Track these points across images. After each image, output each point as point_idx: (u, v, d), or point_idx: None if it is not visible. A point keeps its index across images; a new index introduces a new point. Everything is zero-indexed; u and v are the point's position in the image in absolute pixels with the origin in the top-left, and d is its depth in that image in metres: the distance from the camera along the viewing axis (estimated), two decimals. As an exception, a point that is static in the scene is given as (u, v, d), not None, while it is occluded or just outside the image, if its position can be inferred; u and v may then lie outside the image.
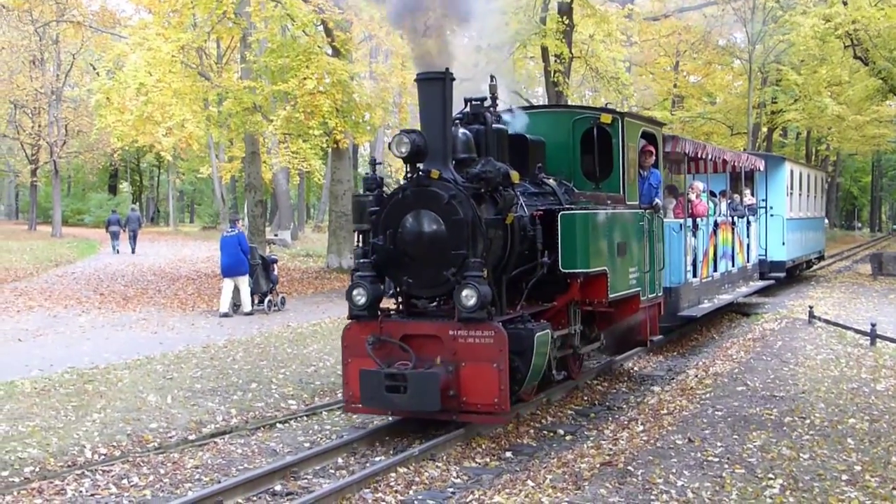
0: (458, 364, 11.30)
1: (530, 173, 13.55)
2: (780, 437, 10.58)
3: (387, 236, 11.74)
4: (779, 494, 8.60)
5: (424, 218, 11.56)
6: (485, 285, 11.12)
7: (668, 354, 18.30)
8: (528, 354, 11.47)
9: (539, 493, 8.78)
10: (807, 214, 30.61)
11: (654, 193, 15.32)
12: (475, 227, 11.39)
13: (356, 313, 11.80)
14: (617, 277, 13.58)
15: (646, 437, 10.88)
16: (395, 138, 11.64)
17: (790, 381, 13.80)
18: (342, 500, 9.34)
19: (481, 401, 11.22)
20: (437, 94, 11.70)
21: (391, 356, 11.56)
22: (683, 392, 13.46)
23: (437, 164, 11.69)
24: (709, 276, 19.11)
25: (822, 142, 66.05)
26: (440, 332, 11.46)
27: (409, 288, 11.91)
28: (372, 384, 11.27)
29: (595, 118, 14.28)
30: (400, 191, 11.77)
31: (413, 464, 10.58)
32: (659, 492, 8.68)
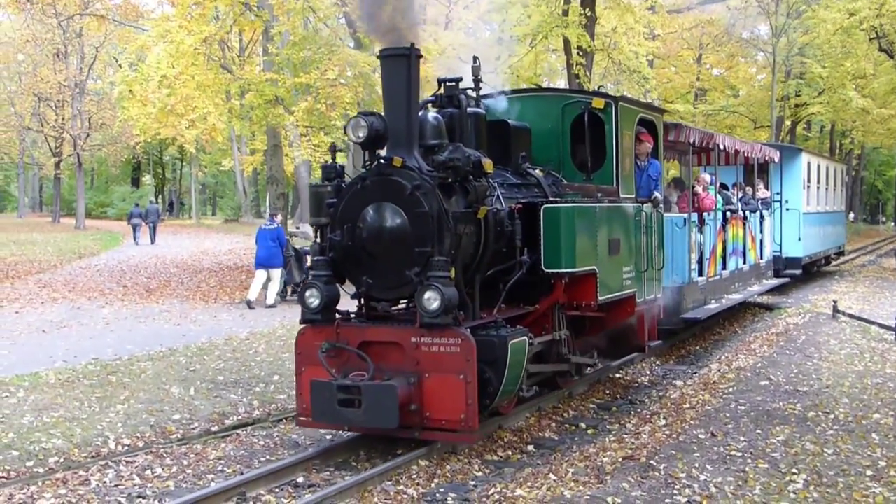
0: (420, 375, 9.85)
1: (513, 163, 12.06)
2: (803, 432, 10.28)
3: (344, 231, 10.28)
4: (802, 490, 8.37)
5: (385, 211, 10.11)
6: (451, 287, 9.64)
7: (691, 348, 17.69)
8: (500, 365, 9.97)
9: (561, 487, 8.58)
10: (825, 208, 28.74)
11: (653, 186, 13.74)
12: (441, 221, 9.92)
13: (309, 317, 10.33)
14: (608, 278, 12.06)
15: (668, 431, 10.57)
16: (352, 121, 10.18)
17: (814, 376, 13.35)
18: (364, 492, 9.02)
19: (446, 417, 9.76)
20: (400, 73, 10.18)
21: (348, 365, 10.14)
22: (706, 386, 13.04)
23: (402, 150, 10.23)
24: (717, 274, 17.45)
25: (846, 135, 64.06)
26: (401, 339, 10.00)
27: (369, 289, 10.42)
28: (323, 397, 9.80)
29: (586, 103, 12.71)
30: (359, 180, 10.29)
31: (435, 457, 10.18)
32: (682, 486, 8.46)
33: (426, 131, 10.63)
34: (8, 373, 13.87)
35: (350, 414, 9.65)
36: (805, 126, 61.62)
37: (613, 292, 12.27)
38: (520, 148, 12.19)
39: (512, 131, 12.16)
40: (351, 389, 9.64)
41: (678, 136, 15.32)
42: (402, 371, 9.90)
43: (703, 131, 16.33)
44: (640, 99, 15.10)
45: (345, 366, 10.14)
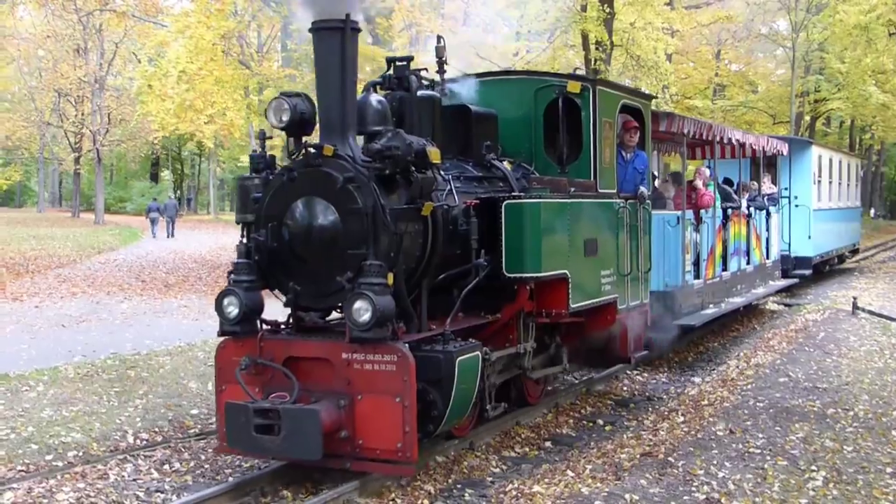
0: (352, 397, 8.28)
1: (475, 153, 10.44)
2: (823, 429, 10.01)
3: (269, 230, 8.71)
4: (822, 487, 8.17)
5: (314, 207, 8.55)
6: (385, 295, 8.05)
7: (709, 345, 17.06)
8: (446, 385, 8.40)
9: (579, 484, 8.36)
10: (838, 204, 26.67)
11: (639, 180, 12.05)
12: (377, 218, 8.35)
13: (228, 329, 8.76)
14: (583, 282, 10.44)
15: (686, 427, 10.30)
16: (273, 103, 8.63)
17: (833, 373, 13.00)
18: (382, 487, 8.66)
19: (381, 446, 8.20)
20: (334, 48, 8.61)
21: (273, 384, 8.60)
22: (724, 383, 12.68)
23: (335, 137, 8.67)
24: (715, 276, 15.68)
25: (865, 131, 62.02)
26: (331, 355, 8.42)
27: (297, 297, 8.82)
28: (238, 421, 8.22)
29: (561, 87, 11.06)
30: (285, 172, 8.70)
31: (452, 453, 9.75)
32: (700, 483, 8.24)
33: (367, 116, 9.05)
34: (28, 367, 13.71)
35: (267, 442, 8.09)
36: (824, 122, 59.77)
37: (590, 298, 10.66)
38: (484, 137, 10.56)
39: (474, 118, 10.52)
40: (269, 413, 8.08)
41: (670, 127, 13.60)
42: (332, 392, 8.35)
43: (699, 121, 14.48)
44: (625, 84, 13.23)
45: (269, 385, 8.62)
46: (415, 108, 9.64)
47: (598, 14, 28.44)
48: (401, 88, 9.72)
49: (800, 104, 50.31)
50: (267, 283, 8.92)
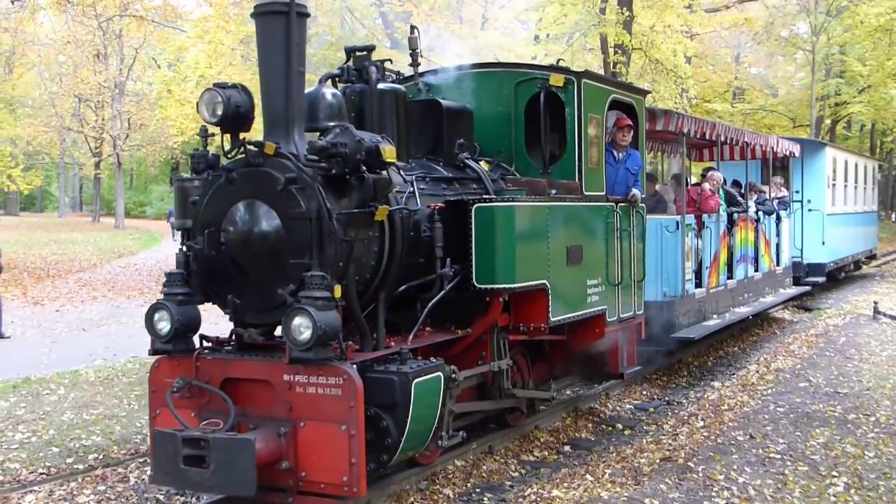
0: (294, 423, 7.22)
1: (446, 152, 9.38)
2: (844, 435, 9.71)
3: (206, 237, 7.68)
4: (843, 493, 7.93)
5: (254, 212, 7.51)
6: (329, 311, 6.99)
7: (729, 350, 16.41)
8: (401, 410, 7.33)
9: (598, 488, 8.18)
10: (853, 209, 25.17)
11: (631, 181, 10.91)
12: (322, 224, 7.31)
13: (159, 347, 7.73)
14: (565, 293, 9.36)
15: (706, 432, 9.99)
16: (205, 95, 7.59)
17: (854, 378, 12.53)
18: (400, 491, 8.38)
19: (326, 479, 7.13)
20: (277, 35, 7.56)
21: (210, 409, 7.57)
22: (744, 388, 12.30)
23: (278, 133, 7.64)
24: (719, 284, 14.50)
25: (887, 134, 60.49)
26: (271, 377, 7.37)
27: (237, 311, 7.77)
28: (166, 452, 7.16)
29: (543, 80, 9.97)
30: (223, 172, 7.65)
31: (471, 457, 9.48)
32: (720, 488, 8.02)
33: (319, 111, 8.03)
34: (49, 370, 13.62)
35: (196, 475, 7.02)
36: (845, 125, 58.35)
37: (574, 311, 9.57)
38: (457, 134, 9.49)
39: (446, 114, 9.43)
40: (199, 443, 7.03)
41: (668, 125, 12.45)
42: (273, 418, 7.31)
43: (701, 120, 13.26)
44: (618, 79, 12.02)
45: (206, 409, 7.60)
46: (375, 103, 8.62)
47: (618, 17, 27.80)
48: (361, 81, 8.71)
49: (820, 107, 49.07)
50: (207, 296, 7.90)
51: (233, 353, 7.77)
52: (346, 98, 8.66)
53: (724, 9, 44.66)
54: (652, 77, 37.72)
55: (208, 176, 7.90)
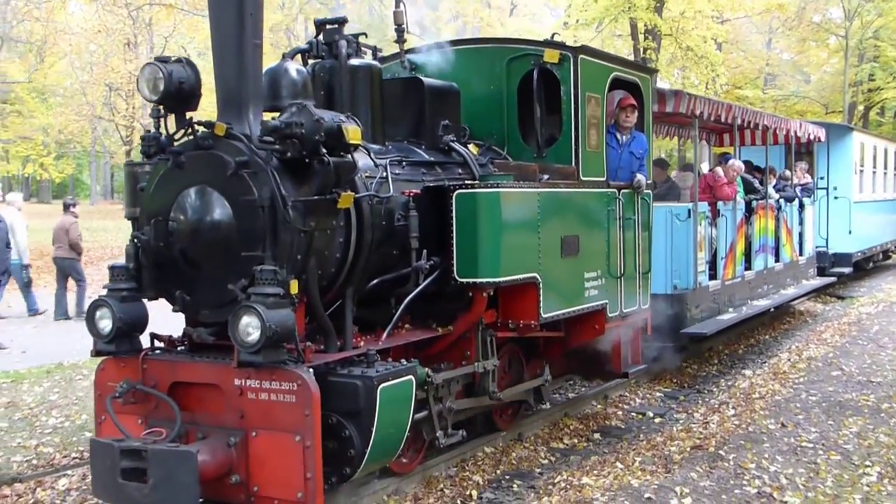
0: (246, 432, 6.43)
1: (429, 134, 8.54)
2: (877, 424, 9.39)
3: (153, 227, 6.88)
4: (876, 482, 7.66)
5: (203, 199, 6.70)
6: (282, 308, 6.17)
7: (760, 337, 15.91)
8: (366, 418, 6.53)
9: (628, 476, 7.99)
10: (883, 196, 23.82)
11: (636, 166, 9.99)
12: (277, 213, 6.50)
13: (101, 347, 6.94)
14: (559, 287, 8.50)
15: (737, 421, 9.74)
16: (145, 70, 6.79)
17: (888, 367, 12.13)
18: (430, 476, 8.22)
19: (279, 494, 6.34)
20: (229, 3, 6.73)
21: (158, 416, 6.81)
22: (776, 376, 11.98)
23: (231, 113, 6.80)
24: (736, 276, 13.50)
25: (922, 121, 59.23)
26: (221, 381, 6.56)
27: (186, 308, 6.99)
28: (104, 464, 6.40)
29: (537, 56, 9.08)
30: (171, 156, 6.84)
31: (500, 444, 9.27)
32: (751, 477, 7.77)
33: (281, 88, 7.22)
34: (81, 356, 12.76)
35: (134, 490, 6.24)
36: (878, 112, 56.99)
37: (569, 306, 8.71)
38: (441, 115, 8.61)
39: (428, 92, 8.55)
40: (139, 455, 6.26)
41: (678, 107, 11.46)
42: (223, 426, 6.52)
43: (715, 101, 12.19)
44: (628, 58, 11.03)
45: (154, 416, 6.84)
46: (346, 80, 7.80)
47: (648, 2, 27.69)
48: (331, 56, 7.89)
49: (853, 93, 48.08)
50: (158, 292, 7.12)
51: (183, 355, 6.99)
52: (314, 75, 7.88)
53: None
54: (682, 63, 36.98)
55: (158, 160, 7.12)
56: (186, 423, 6.60)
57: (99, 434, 7.08)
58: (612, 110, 10.04)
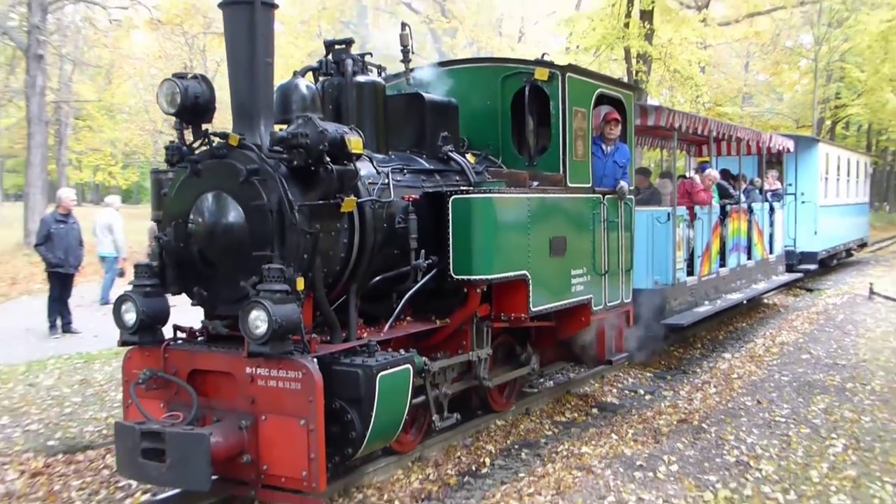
0: (256, 417, 6.12)
1: (430, 145, 8.20)
2: (842, 401, 9.45)
3: (174, 229, 6.59)
4: (841, 453, 7.70)
5: (218, 204, 6.42)
6: (288, 303, 5.88)
7: (738, 325, 15.57)
8: (366, 403, 6.21)
9: (622, 446, 8.01)
10: (845, 200, 23.34)
11: (619, 174, 9.63)
12: (283, 216, 6.20)
13: (126, 338, 6.66)
14: (547, 283, 8.15)
15: (718, 398, 9.81)
16: (163, 85, 6.49)
17: (851, 351, 12.17)
18: (448, 447, 8.13)
19: (286, 473, 6.05)
20: (242, 25, 6.44)
21: (178, 400, 6.50)
22: (752, 359, 12.00)
23: (244, 125, 6.53)
24: (712, 272, 13.08)
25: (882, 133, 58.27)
26: (234, 369, 6.27)
27: (204, 303, 6.70)
28: (126, 444, 6.12)
29: (528, 74, 8.72)
30: (190, 164, 6.55)
31: (510, 418, 9.21)
32: (730, 447, 7.81)
33: (292, 102, 6.95)
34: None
35: (153, 469, 5.98)
36: (844, 126, 56.23)
37: (557, 300, 8.36)
38: (441, 127, 8.28)
39: (428, 107, 8.22)
40: (158, 436, 5.97)
41: (658, 120, 11.09)
42: (236, 410, 6.22)
43: (692, 115, 11.79)
44: (606, 74, 10.60)
45: (174, 401, 6.54)
46: (353, 95, 7.48)
47: (640, 31, 27.00)
48: (339, 74, 7.57)
49: (821, 110, 47.51)
50: (179, 288, 6.82)
51: (201, 345, 6.69)
52: (324, 91, 7.57)
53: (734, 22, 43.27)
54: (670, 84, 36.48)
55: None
56: (203, 408, 6.33)
57: (126, 417, 6.83)
58: (598, 123, 9.69)
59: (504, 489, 7.11)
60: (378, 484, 7.22)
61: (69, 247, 13.40)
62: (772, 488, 6.87)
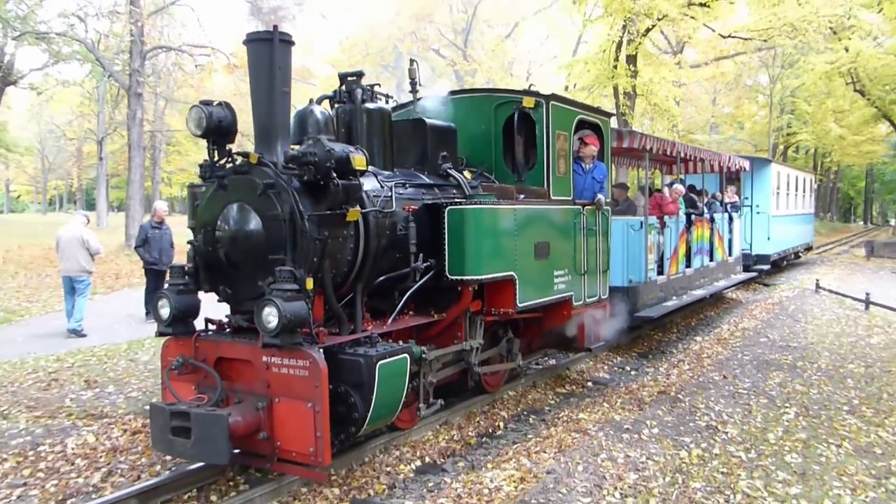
0: (271, 399, 5.67)
1: (430, 163, 7.69)
2: (794, 377, 9.37)
3: (203, 235, 6.14)
4: (794, 419, 7.61)
5: (240, 213, 5.94)
6: (296, 301, 5.41)
7: (707, 314, 15.26)
8: (367, 388, 5.73)
9: (612, 412, 7.98)
10: (794, 211, 22.50)
11: (597, 188, 9.09)
12: (294, 224, 5.72)
13: (162, 329, 6.22)
14: (532, 282, 7.59)
15: (691, 373, 9.76)
16: (191, 111, 6.04)
17: (801, 335, 12.10)
18: (469, 412, 8.07)
19: (297, 448, 5.59)
20: (263, 59, 5.98)
21: (206, 384, 6.06)
22: (719, 341, 11.97)
23: (264, 145, 6.06)
24: (679, 272, 12.42)
25: (826, 156, 57.16)
26: (253, 357, 5.81)
27: (228, 300, 6.23)
28: (159, 423, 5.68)
29: (517, 102, 8.20)
30: (216, 179, 6.09)
31: (520, 389, 9.14)
32: (701, 414, 7.73)
33: (308, 126, 6.45)
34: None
35: (180, 445, 5.54)
36: (794, 150, 55.13)
37: (541, 297, 7.81)
38: (441, 148, 7.75)
39: (430, 130, 7.69)
40: (185, 416, 5.53)
41: (632, 143, 10.51)
42: (254, 393, 5.76)
43: (662, 139, 11.16)
44: (584, 102, 10.05)
45: (203, 384, 6.10)
46: (361, 120, 6.99)
47: (626, 72, 26.67)
48: (351, 102, 7.08)
49: (775, 137, 47.08)
50: (210, 286, 6.37)
51: (226, 336, 6.22)
52: (337, 117, 7.07)
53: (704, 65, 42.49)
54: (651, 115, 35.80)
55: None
56: (227, 390, 5.88)
57: (164, 398, 6.38)
58: (578, 146, 9.15)
59: (515, 448, 7.04)
60: (412, 443, 7.10)
61: (162, 248, 13.26)
62: (736, 448, 6.79)
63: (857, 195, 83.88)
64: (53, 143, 61.89)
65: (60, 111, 50.68)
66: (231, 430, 5.43)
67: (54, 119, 54.62)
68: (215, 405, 5.73)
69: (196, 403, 5.70)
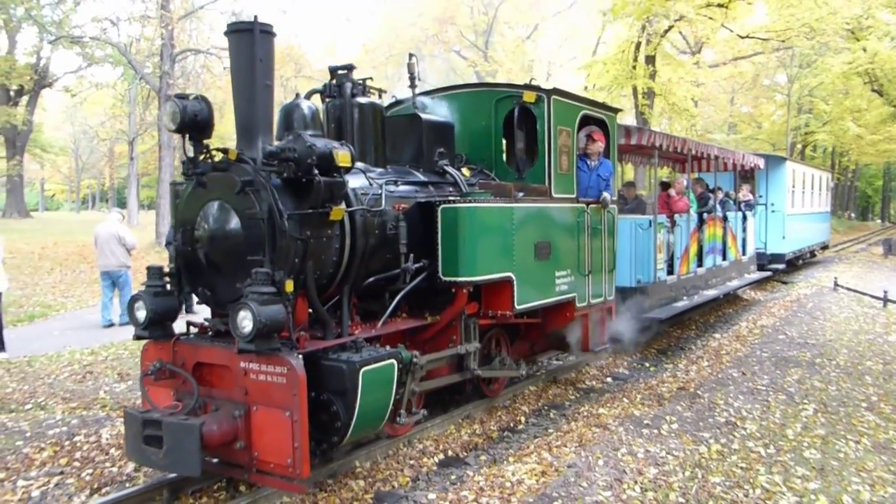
0: (249, 407, 5.20)
1: (426, 160, 7.20)
2: (812, 374, 9.08)
3: (182, 235, 5.70)
4: (812, 416, 7.38)
5: (218, 212, 5.48)
6: (274, 304, 4.94)
7: (726, 311, 14.75)
8: (350, 395, 5.25)
9: (632, 408, 7.78)
10: (810, 210, 21.65)
11: (603, 186, 8.54)
12: (273, 223, 5.25)
13: (138, 332, 5.77)
14: (532, 284, 7.08)
15: (710, 370, 9.49)
16: (167, 105, 5.57)
17: (820, 332, 11.69)
18: (490, 406, 7.85)
19: (274, 460, 5.11)
20: (243, 50, 5.51)
21: (184, 390, 5.61)
22: (738, 338, 11.60)
23: (245, 140, 5.58)
24: (690, 272, 11.78)
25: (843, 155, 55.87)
26: (231, 363, 5.34)
27: (208, 302, 5.78)
28: (132, 430, 5.26)
29: (518, 97, 7.67)
30: (195, 176, 5.64)
31: (541, 384, 8.95)
32: (721, 410, 7.47)
33: (294, 120, 5.96)
34: None
35: (152, 454, 5.10)
36: (812, 149, 53.96)
37: (541, 298, 7.30)
38: (437, 144, 7.26)
39: (425, 126, 7.20)
40: (157, 425, 5.10)
41: (641, 140, 9.92)
42: (232, 400, 5.30)
43: (671, 136, 10.55)
44: (587, 96, 9.43)
45: (181, 390, 5.65)
46: (352, 115, 6.52)
47: (645, 72, 26.34)
48: (341, 96, 6.61)
49: (793, 136, 46.04)
50: (191, 287, 5.93)
51: (206, 340, 5.77)
52: (327, 111, 6.61)
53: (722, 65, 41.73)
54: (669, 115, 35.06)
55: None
56: (205, 397, 5.43)
57: (143, 403, 5.96)
58: (584, 142, 8.61)
59: (536, 442, 6.92)
60: (435, 437, 6.97)
61: None
62: (755, 443, 6.60)
63: (875, 193, 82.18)
64: (87, 144, 62.19)
65: (93, 113, 50.82)
66: (205, 440, 4.99)
67: (88, 120, 54.85)
68: (192, 413, 5.28)
69: (170, 411, 5.27)
